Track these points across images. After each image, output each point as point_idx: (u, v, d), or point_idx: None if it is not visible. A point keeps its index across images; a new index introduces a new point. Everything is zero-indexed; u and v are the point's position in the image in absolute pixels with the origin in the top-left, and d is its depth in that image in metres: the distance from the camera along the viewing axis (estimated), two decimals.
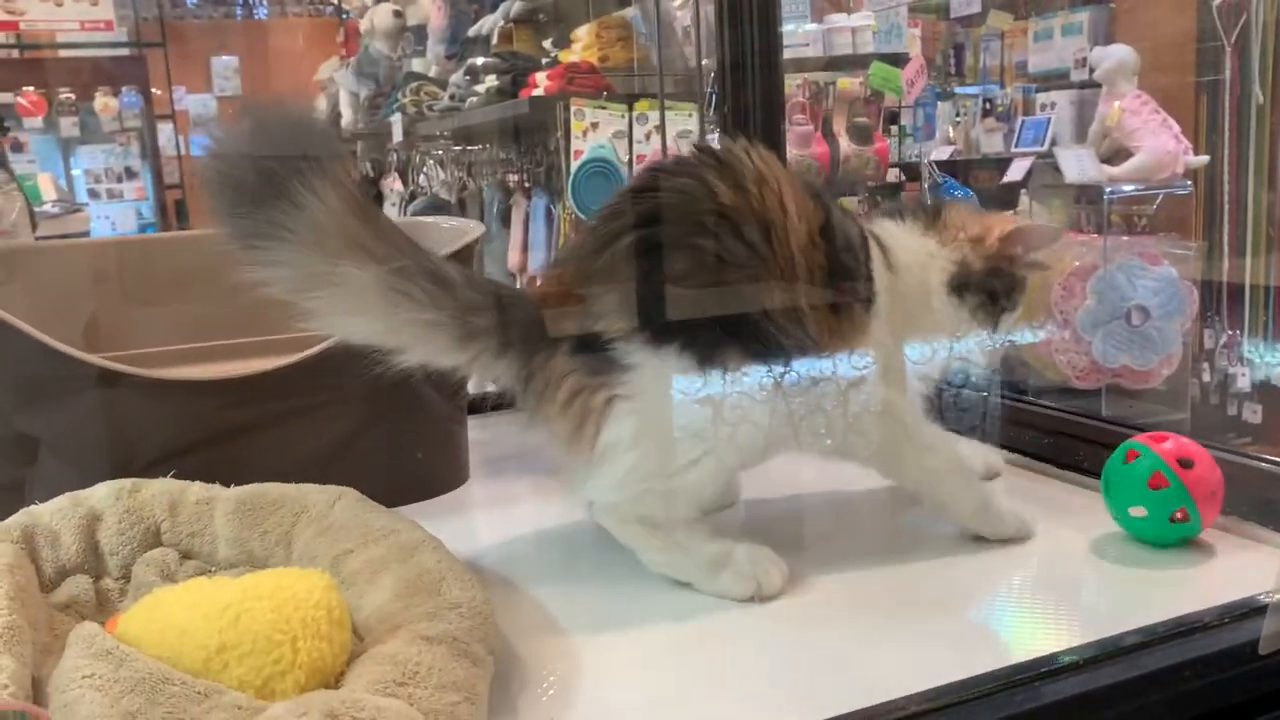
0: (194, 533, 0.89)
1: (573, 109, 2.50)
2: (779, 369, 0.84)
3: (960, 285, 0.94)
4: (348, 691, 0.62)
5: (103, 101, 6.77)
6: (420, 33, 3.82)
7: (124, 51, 7.49)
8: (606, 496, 0.87)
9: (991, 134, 4.26)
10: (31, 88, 6.71)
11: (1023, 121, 3.98)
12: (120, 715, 0.59)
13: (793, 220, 0.84)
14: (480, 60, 3.06)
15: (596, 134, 2.47)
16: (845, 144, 2.67)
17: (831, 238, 0.87)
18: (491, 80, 2.89)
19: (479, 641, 0.72)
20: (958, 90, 4.49)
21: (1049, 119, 3.85)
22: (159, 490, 0.89)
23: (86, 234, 5.69)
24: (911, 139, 2.91)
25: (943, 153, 4.52)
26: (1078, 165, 3.41)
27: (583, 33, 2.83)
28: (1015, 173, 3.70)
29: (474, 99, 2.97)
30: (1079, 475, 1.07)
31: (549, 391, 0.83)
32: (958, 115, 4.58)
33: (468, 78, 3.06)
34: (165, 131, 7.67)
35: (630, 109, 2.52)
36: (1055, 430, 1.13)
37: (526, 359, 0.83)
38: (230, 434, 1.02)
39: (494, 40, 3.23)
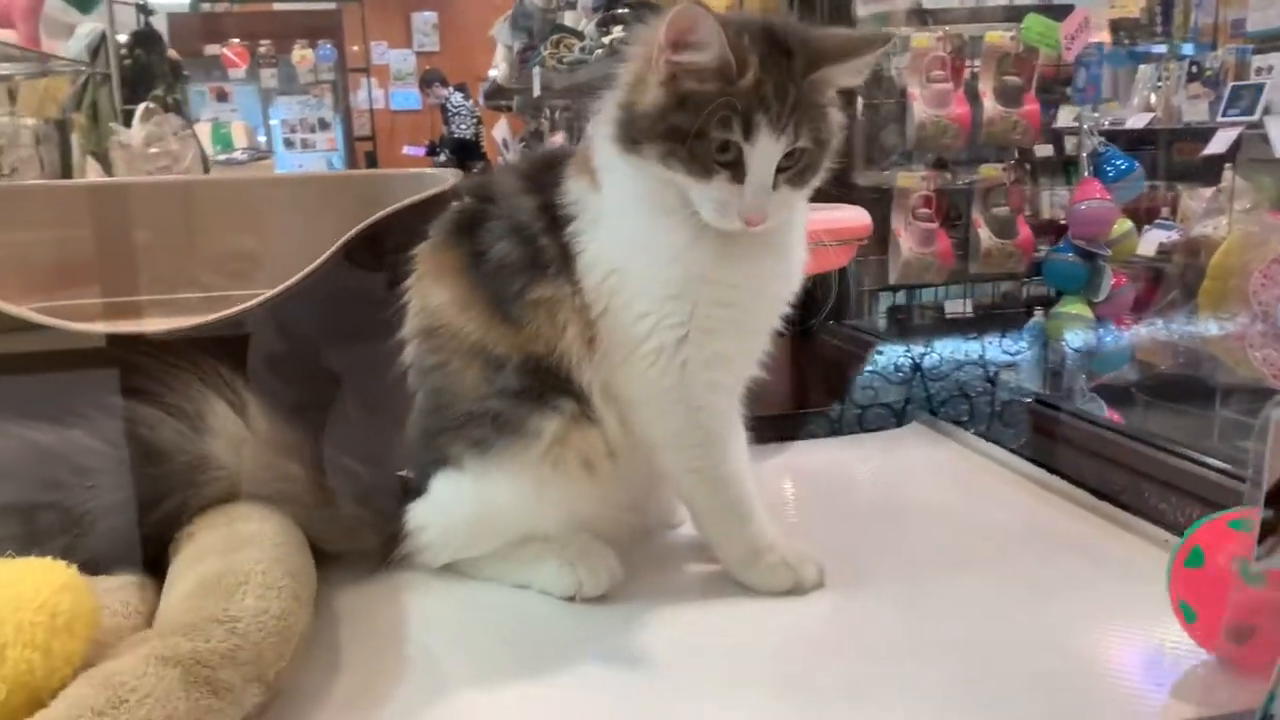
0: None
1: None
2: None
3: (632, 134, 0.71)
4: None
5: (300, 54, 7.05)
6: None
7: (328, 5, 7.79)
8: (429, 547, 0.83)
9: (1196, 101, 3.82)
10: (237, 40, 7.04)
11: (1232, 87, 3.55)
12: None
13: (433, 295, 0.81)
14: (613, 11, 2.93)
15: None
16: (990, 105, 2.39)
17: (495, 254, 0.77)
18: (618, 31, 2.76)
19: (241, 665, 0.61)
20: (1158, 49, 4.06)
21: (1264, 84, 3.40)
22: None
23: None
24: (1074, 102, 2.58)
25: (1139, 120, 4.09)
26: None
27: None
28: (1219, 144, 3.29)
29: (599, 51, 2.85)
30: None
31: None
32: (1159, 79, 4.13)
33: (600, 30, 2.95)
34: (362, 84, 7.94)
35: None
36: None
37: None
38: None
39: None
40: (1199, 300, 3.34)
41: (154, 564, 0.76)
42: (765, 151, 0.69)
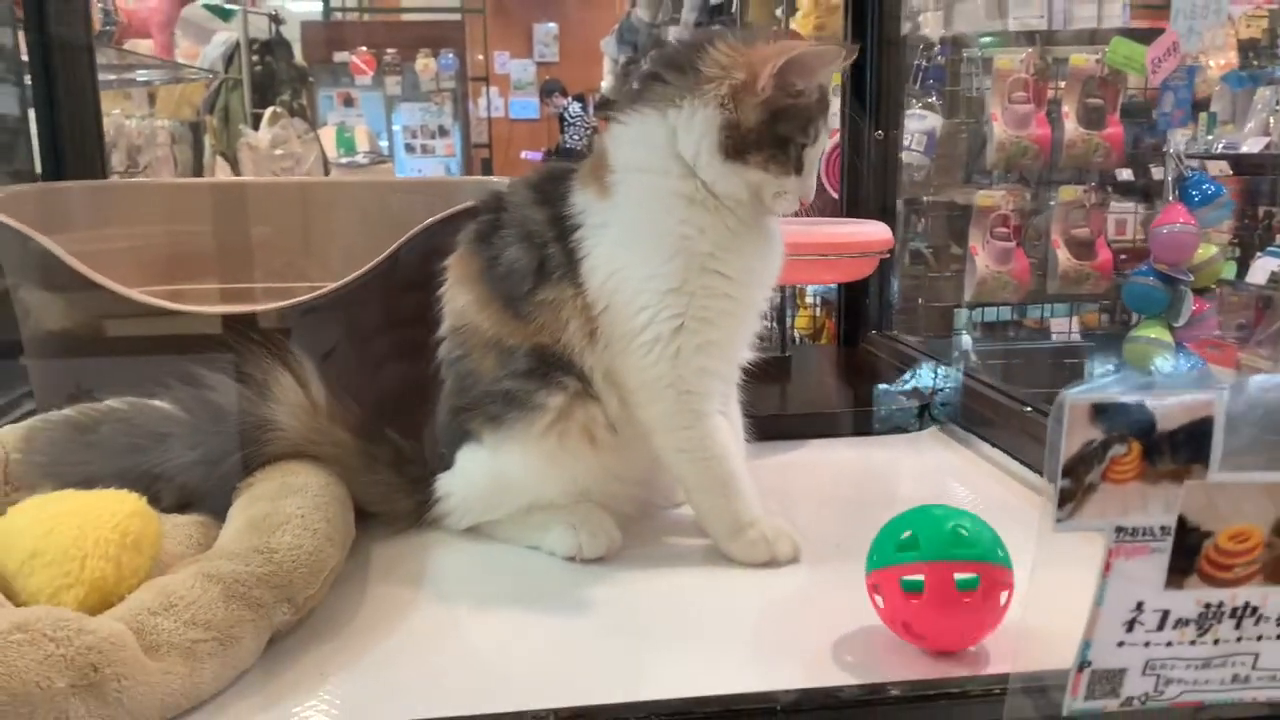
0: None
1: None
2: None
3: (739, 148, 0.82)
4: (67, 610, 0.65)
5: (423, 63, 7.31)
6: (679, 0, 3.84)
7: (453, 16, 8.07)
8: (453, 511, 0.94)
9: None
10: (365, 48, 7.32)
11: None
12: None
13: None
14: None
15: None
16: (1072, 127, 2.41)
17: (504, 255, 0.88)
18: None
19: (273, 588, 0.73)
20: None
21: None
22: None
23: None
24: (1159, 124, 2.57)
25: (1255, 145, 3.99)
26: None
27: (807, 0, 2.74)
28: None
29: None
30: None
31: None
32: (1278, 102, 4.02)
33: None
34: (483, 93, 8.19)
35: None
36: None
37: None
38: None
39: (733, 8, 3.19)
40: None
41: (220, 508, 0.89)
42: (820, 146, 0.86)
